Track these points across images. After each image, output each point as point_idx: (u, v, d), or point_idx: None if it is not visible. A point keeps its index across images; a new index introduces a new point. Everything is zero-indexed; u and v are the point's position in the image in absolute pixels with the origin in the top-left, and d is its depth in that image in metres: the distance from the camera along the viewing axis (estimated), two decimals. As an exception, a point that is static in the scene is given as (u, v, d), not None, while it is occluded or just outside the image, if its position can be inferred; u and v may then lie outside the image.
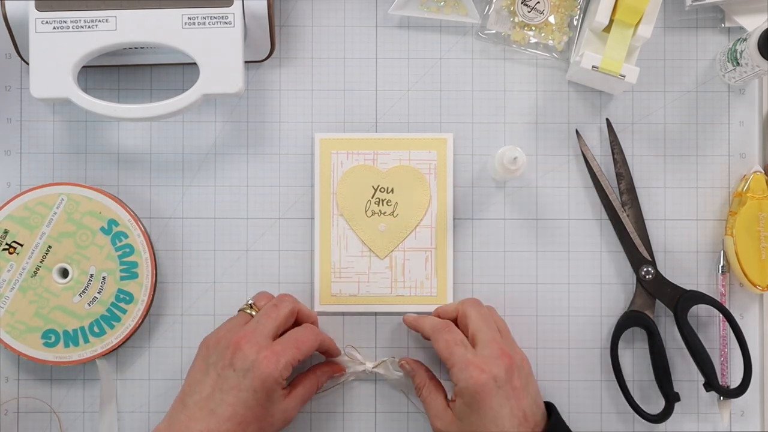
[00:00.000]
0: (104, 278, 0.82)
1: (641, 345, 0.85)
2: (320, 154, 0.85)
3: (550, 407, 0.77)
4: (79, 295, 0.81)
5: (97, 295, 0.82)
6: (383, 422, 0.85)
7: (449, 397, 0.79)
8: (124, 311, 0.82)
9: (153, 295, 0.83)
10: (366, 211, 0.85)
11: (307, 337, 0.77)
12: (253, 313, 0.78)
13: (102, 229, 0.82)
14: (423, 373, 0.81)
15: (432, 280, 0.84)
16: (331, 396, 0.85)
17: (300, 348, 0.75)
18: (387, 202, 0.85)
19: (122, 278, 0.82)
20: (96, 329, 0.82)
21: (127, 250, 0.82)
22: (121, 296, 0.82)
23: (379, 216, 0.84)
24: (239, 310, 0.80)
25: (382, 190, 0.85)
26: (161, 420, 0.76)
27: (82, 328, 0.81)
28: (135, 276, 0.82)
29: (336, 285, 0.84)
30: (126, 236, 0.82)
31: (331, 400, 0.85)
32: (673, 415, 0.82)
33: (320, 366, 0.82)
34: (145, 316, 0.82)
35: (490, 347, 0.75)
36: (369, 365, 0.83)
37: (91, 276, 0.82)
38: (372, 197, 0.85)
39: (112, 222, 0.82)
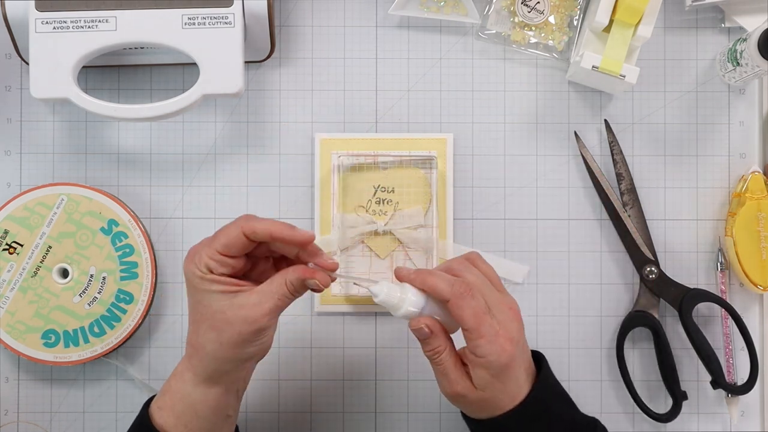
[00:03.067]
0: (104, 278, 0.82)
1: (645, 345, 0.85)
2: (320, 154, 0.85)
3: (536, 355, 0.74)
4: (79, 295, 0.81)
5: (97, 295, 0.82)
6: (383, 422, 0.85)
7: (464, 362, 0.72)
8: (124, 311, 0.82)
9: (153, 295, 0.82)
10: (367, 211, 0.84)
11: (225, 228, 0.69)
12: None
13: (102, 229, 0.82)
14: (443, 336, 0.71)
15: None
16: (331, 395, 0.85)
17: (217, 237, 0.68)
18: (388, 201, 0.85)
19: (122, 278, 0.82)
20: (96, 329, 0.82)
21: (127, 250, 0.82)
22: (121, 296, 0.82)
23: (380, 215, 0.84)
24: None
25: (383, 189, 0.85)
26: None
27: (82, 329, 0.81)
28: (135, 276, 0.82)
29: (336, 285, 0.84)
30: (126, 236, 0.82)
31: (332, 400, 0.85)
32: (680, 414, 0.82)
33: (292, 267, 0.70)
34: (145, 316, 0.82)
35: (501, 308, 0.69)
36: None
37: (91, 276, 0.82)
38: (373, 197, 0.85)
39: (112, 222, 0.82)
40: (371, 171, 0.85)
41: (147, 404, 0.73)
